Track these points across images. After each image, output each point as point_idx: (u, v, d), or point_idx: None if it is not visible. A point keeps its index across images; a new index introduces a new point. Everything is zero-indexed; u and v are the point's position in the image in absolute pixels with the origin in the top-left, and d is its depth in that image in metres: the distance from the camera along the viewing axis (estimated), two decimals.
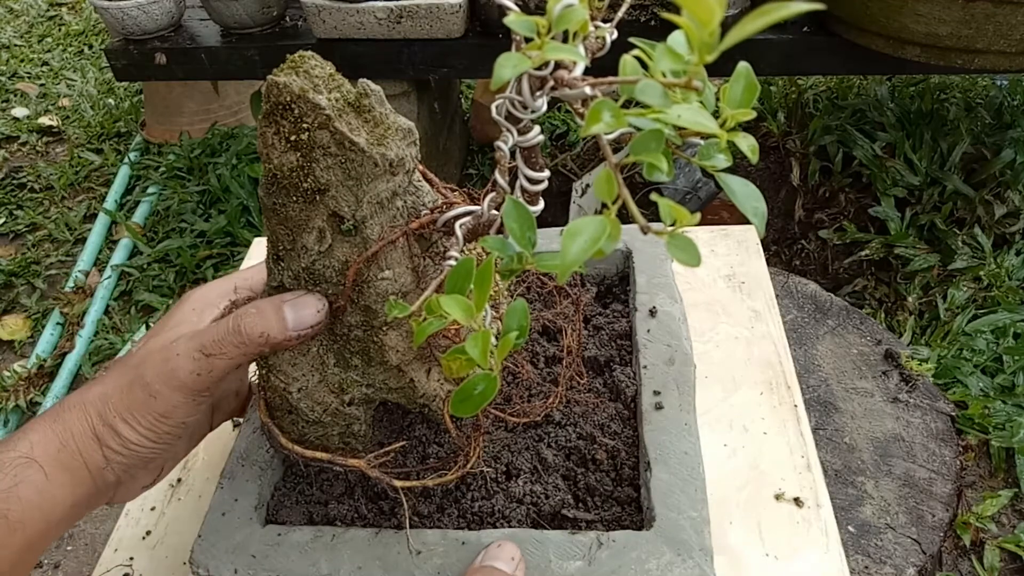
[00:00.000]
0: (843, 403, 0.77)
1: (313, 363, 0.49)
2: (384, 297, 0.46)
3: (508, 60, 0.26)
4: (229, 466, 0.53)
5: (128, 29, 1.65)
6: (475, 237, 0.44)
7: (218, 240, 1.93)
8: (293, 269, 0.45)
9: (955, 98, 1.94)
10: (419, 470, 0.52)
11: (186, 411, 0.46)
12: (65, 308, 1.90)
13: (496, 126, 0.36)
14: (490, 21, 1.54)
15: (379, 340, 0.47)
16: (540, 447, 0.54)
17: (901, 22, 1.26)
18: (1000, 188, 1.65)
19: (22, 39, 3.25)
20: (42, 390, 1.71)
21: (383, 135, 0.41)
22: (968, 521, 1.24)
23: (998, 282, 1.54)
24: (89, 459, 0.44)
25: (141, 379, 0.45)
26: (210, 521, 0.50)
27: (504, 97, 0.35)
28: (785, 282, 0.90)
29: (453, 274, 0.34)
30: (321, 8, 1.52)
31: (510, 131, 0.36)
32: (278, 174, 0.41)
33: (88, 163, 2.42)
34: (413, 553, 0.47)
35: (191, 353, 0.44)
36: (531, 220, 0.33)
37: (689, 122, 0.25)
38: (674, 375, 0.56)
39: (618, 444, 0.54)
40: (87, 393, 0.46)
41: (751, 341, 0.76)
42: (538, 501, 0.51)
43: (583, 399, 0.56)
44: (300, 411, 0.50)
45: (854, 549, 0.64)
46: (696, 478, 0.49)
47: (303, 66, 0.40)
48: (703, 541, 0.46)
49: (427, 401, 0.51)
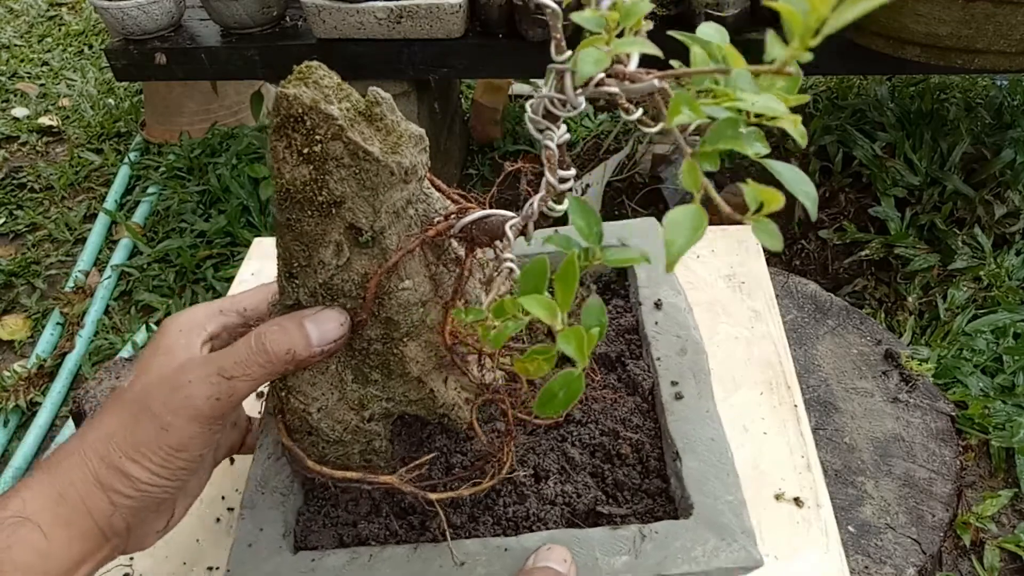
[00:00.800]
0: (843, 403, 0.77)
1: (332, 381, 0.48)
2: (405, 307, 0.45)
3: (590, 56, 0.26)
4: (248, 495, 0.51)
5: (128, 29, 1.65)
6: (491, 242, 0.44)
7: (218, 240, 1.93)
8: (309, 286, 0.44)
9: (955, 98, 1.94)
10: (445, 481, 0.51)
11: (202, 442, 0.43)
12: (65, 308, 1.90)
13: (496, 127, 0.36)
14: (490, 21, 1.54)
15: (399, 352, 0.47)
16: (565, 447, 0.54)
17: (901, 22, 1.26)
18: (1000, 188, 1.65)
19: (22, 39, 3.25)
20: (42, 390, 1.71)
21: (396, 143, 0.41)
22: (968, 521, 1.24)
23: (998, 282, 1.54)
24: (94, 508, 0.41)
25: (148, 412, 0.42)
26: (237, 554, 0.48)
27: (544, 96, 0.34)
28: (785, 282, 0.90)
29: (526, 274, 0.33)
30: (321, 8, 1.52)
31: (551, 129, 0.36)
32: (291, 189, 0.40)
33: (88, 163, 2.42)
34: (457, 565, 0.45)
35: (208, 378, 0.42)
36: (597, 216, 0.33)
37: (764, 108, 0.25)
38: (689, 364, 0.56)
39: (641, 437, 0.54)
40: (83, 438, 0.43)
41: (751, 341, 0.76)
42: (571, 501, 0.51)
43: (600, 395, 0.56)
44: (320, 431, 0.49)
45: (854, 549, 0.64)
46: (726, 463, 0.50)
47: (312, 76, 0.39)
48: (744, 523, 0.47)
49: (447, 410, 0.50)
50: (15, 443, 1.61)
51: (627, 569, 0.45)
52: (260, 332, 0.44)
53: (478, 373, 0.51)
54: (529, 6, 1.45)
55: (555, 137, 0.36)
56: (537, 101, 0.36)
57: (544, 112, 0.35)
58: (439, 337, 0.48)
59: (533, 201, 0.40)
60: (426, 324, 0.47)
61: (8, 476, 1.52)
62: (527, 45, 1.53)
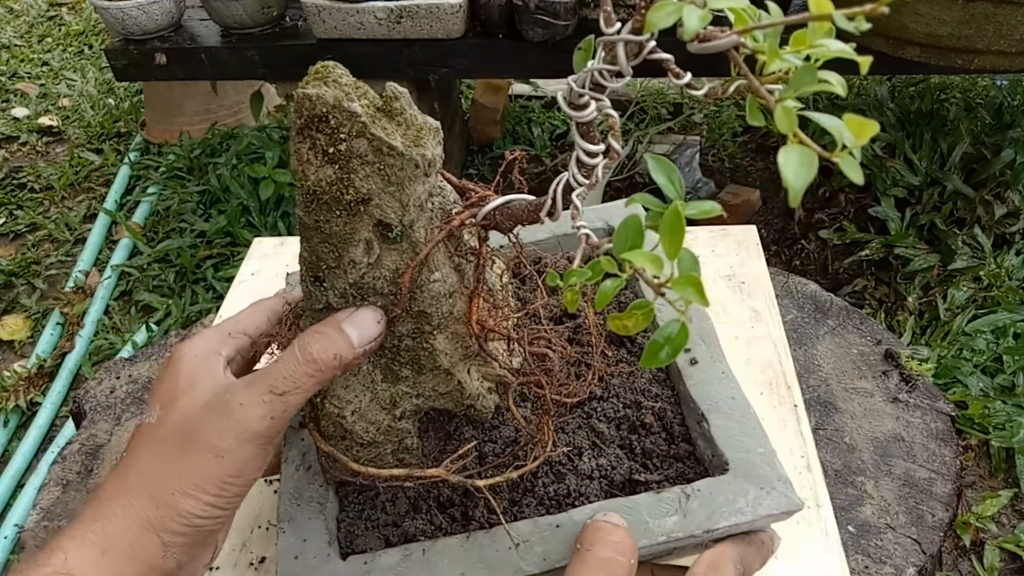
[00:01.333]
0: (843, 403, 0.77)
1: (364, 382, 0.48)
2: (436, 299, 0.45)
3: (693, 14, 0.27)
4: (283, 508, 0.51)
5: (128, 29, 1.65)
6: (513, 227, 0.44)
7: (218, 240, 1.93)
8: (339, 287, 0.44)
9: (955, 98, 1.94)
10: (481, 470, 0.52)
11: (256, 465, 0.43)
12: (65, 308, 1.90)
13: (496, 127, 0.37)
14: (490, 21, 1.54)
15: (430, 345, 0.47)
16: (592, 423, 0.55)
17: (901, 22, 1.26)
18: (1000, 188, 1.65)
19: (22, 39, 3.25)
20: (42, 390, 1.71)
21: (417, 136, 0.41)
22: (968, 521, 1.24)
23: (998, 282, 1.54)
24: (144, 553, 0.40)
25: (198, 443, 0.41)
26: (284, 569, 0.48)
27: (593, 68, 0.35)
28: (785, 282, 0.90)
29: (621, 231, 0.34)
30: (321, 8, 1.52)
31: (599, 99, 0.37)
32: (317, 190, 0.40)
33: (88, 163, 2.42)
34: (513, 546, 0.47)
35: (259, 397, 0.42)
36: (677, 171, 0.34)
37: (838, 52, 0.27)
38: (697, 330, 0.58)
39: (663, 405, 0.56)
40: (124, 480, 0.41)
41: (751, 341, 0.76)
42: (607, 473, 0.52)
43: (617, 370, 0.58)
44: (355, 434, 0.49)
45: (854, 549, 0.64)
46: (750, 417, 0.52)
47: (330, 76, 0.39)
48: (779, 471, 0.49)
49: (473, 401, 0.51)
50: (15, 443, 1.61)
51: (678, 528, 0.46)
52: (304, 343, 0.43)
53: (506, 359, 0.51)
54: (529, 6, 1.45)
55: (607, 104, 0.37)
56: (582, 76, 0.36)
57: (592, 84, 0.36)
58: (465, 327, 0.48)
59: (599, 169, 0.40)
60: (453, 315, 0.48)
61: (8, 476, 1.52)
62: (527, 45, 1.53)
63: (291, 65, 1.66)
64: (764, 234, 1.91)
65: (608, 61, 0.35)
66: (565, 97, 0.38)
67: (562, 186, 0.41)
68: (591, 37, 0.37)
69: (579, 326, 0.61)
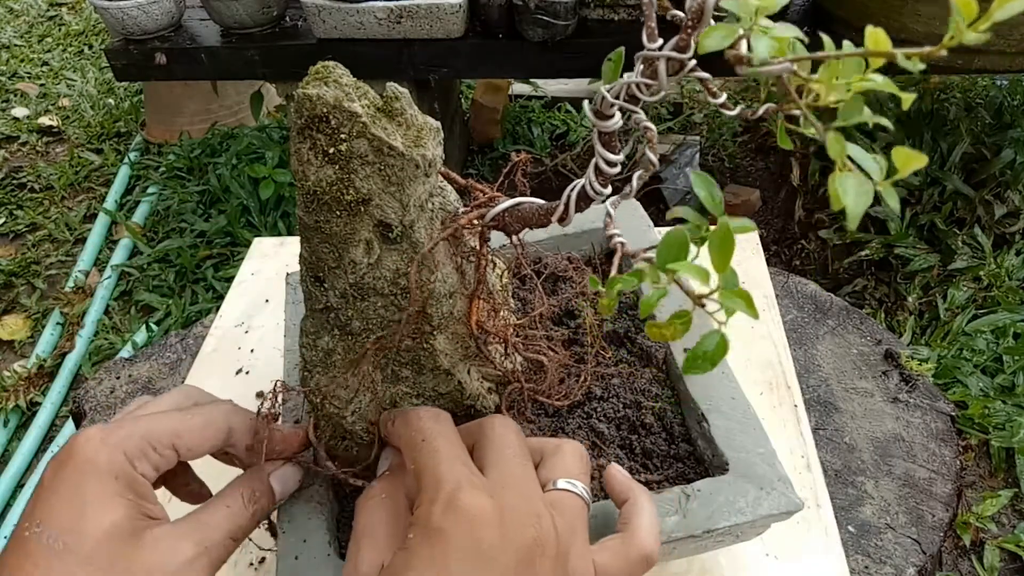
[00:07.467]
0: (843, 403, 0.77)
1: (364, 383, 0.48)
2: (438, 299, 0.45)
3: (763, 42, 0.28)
4: (283, 508, 0.51)
5: (128, 29, 1.65)
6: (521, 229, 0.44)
7: (218, 240, 1.93)
8: (339, 288, 0.44)
9: (955, 98, 1.94)
10: None
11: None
12: (65, 308, 1.90)
13: (496, 127, 0.37)
14: (490, 21, 1.54)
15: (430, 345, 0.47)
16: (592, 423, 0.55)
17: (901, 22, 1.26)
18: (1000, 188, 1.65)
19: (22, 39, 3.24)
20: (42, 390, 1.71)
21: (418, 136, 0.41)
22: (968, 521, 1.24)
23: (998, 282, 1.54)
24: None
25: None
26: (284, 569, 0.47)
27: (631, 80, 0.36)
28: (785, 282, 0.90)
29: (665, 245, 0.35)
30: (321, 8, 1.52)
31: (634, 111, 0.37)
32: (317, 190, 0.40)
33: (88, 163, 2.42)
34: None
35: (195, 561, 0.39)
36: (716, 186, 0.35)
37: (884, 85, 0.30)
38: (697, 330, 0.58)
39: (662, 405, 0.56)
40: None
41: (751, 341, 0.76)
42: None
43: (616, 371, 0.58)
44: (355, 435, 0.49)
45: (854, 549, 0.64)
46: (750, 417, 0.52)
47: (331, 76, 0.39)
48: (779, 471, 0.49)
49: (473, 401, 0.51)
50: (15, 443, 1.61)
51: (678, 528, 0.47)
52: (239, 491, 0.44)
53: (501, 361, 0.52)
54: (529, 6, 1.45)
55: (643, 116, 0.37)
56: (616, 87, 0.36)
57: (627, 96, 0.36)
58: (465, 328, 0.48)
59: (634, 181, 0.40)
60: (454, 315, 0.48)
61: (8, 476, 1.52)
62: (527, 45, 1.53)
63: (291, 65, 1.66)
64: (764, 234, 1.91)
65: (647, 75, 0.35)
66: (594, 106, 0.38)
67: (576, 192, 0.41)
68: (621, 49, 0.37)
69: (579, 326, 0.61)
